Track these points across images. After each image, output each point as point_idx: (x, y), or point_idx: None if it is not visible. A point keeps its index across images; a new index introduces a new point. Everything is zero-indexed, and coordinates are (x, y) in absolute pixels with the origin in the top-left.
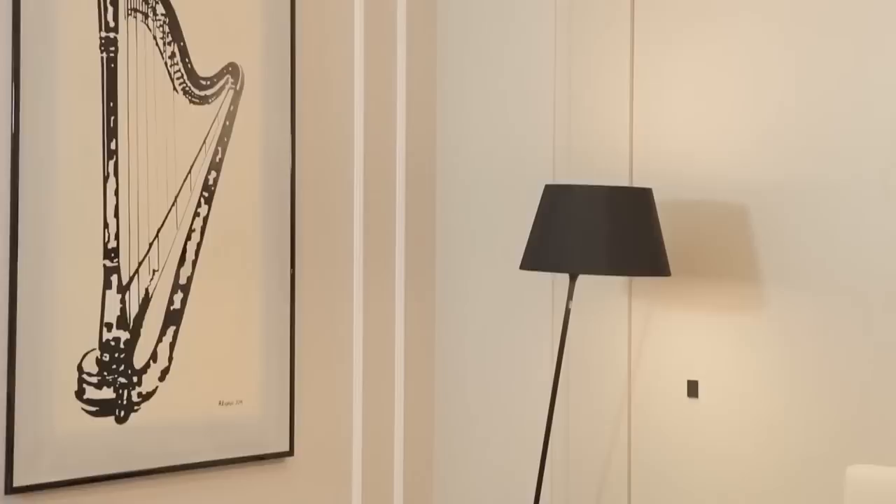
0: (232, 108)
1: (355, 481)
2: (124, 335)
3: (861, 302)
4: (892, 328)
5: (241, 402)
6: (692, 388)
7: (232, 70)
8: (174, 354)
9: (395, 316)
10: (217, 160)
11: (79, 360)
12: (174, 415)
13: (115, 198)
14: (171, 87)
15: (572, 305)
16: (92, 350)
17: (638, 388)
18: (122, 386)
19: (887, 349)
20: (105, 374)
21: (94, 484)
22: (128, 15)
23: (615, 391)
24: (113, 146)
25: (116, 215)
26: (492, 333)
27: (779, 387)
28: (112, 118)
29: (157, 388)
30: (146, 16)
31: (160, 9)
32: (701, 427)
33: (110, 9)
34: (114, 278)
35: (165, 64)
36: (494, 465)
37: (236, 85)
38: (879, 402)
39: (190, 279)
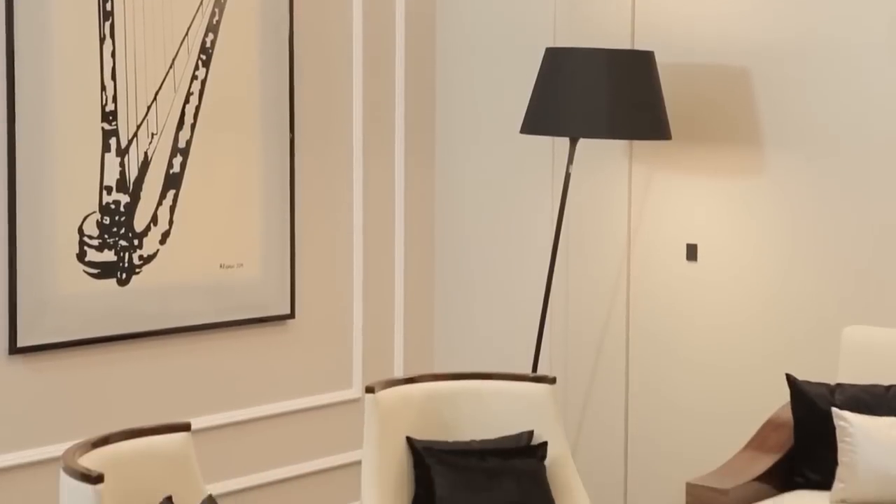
0: None
1: (356, 343)
2: (124, 198)
3: (862, 165)
4: (893, 192)
5: (241, 265)
6: (691, 252)
7: None
8: (174, 218)
9: (394, 180)
10: (214, 22)
11: (79, 223)
12: (175, 277)
13: (111, 60)
14: None
15: (572, 170)
16: (92, 213)
17: (637, 252)
18: (123, 249)
19: (887, 213)
20: (106, 236)
21: (96, 345)
22: None
23: (614, 255)
24: (108, 6)
25: (114, 78)
26: (492, 198)
27: (778, 250)
28: None
29: (157, 250)
30: None
31: None
32: (699, 290)
33: None
34: (112, 141)
35: None
36: (494, 328)
37: None
38: (876, 264)
39: (189, 143)
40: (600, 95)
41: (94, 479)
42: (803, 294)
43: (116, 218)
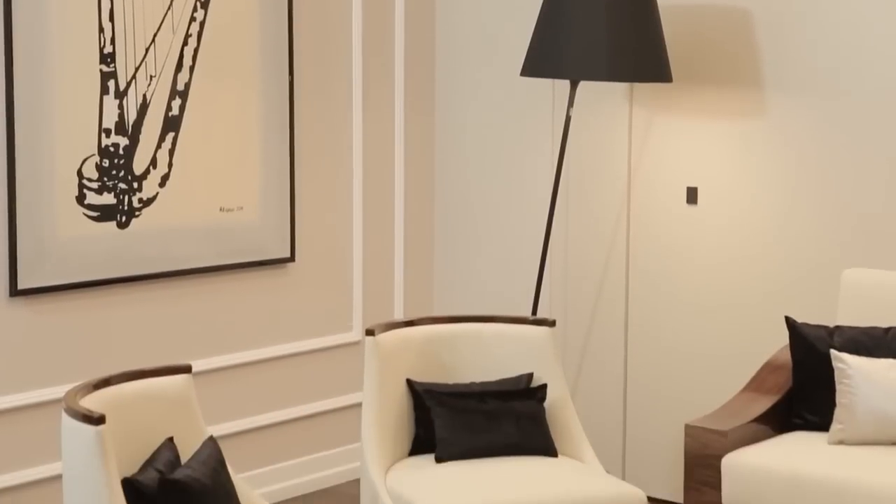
0: None
1: (356, 286)
2: (123, 141)
3: (864, 108)
4: (894, 135)
5: (241, 208)
6: (691, 195)
7: None
8: (174, 161)
9: (394, 123)
10: None
11: (78, 166)
12: (175, 220)
13: (109, 1)
14: None
15: (573, 113)
16: (91, 156)
17: (637, 195)
18: (123, 192)
19: (888, 156)
20: (105, 179)
21: (97, 288)
22: None
23: (615, 199)
24: None
25: (111, 19)
26: (492, 140)
27: (778, 193)
28: None
29: (157, 193)
30: None
31: None
32: (699, 233)
33: None
34: (111, 84)
35: None
36: (494, 271)
37: None
38: (876, 207)
39: (188, 85)
40: (601, 38)
41: (96, 420)
42: (803, 237)
43: (116, 161)
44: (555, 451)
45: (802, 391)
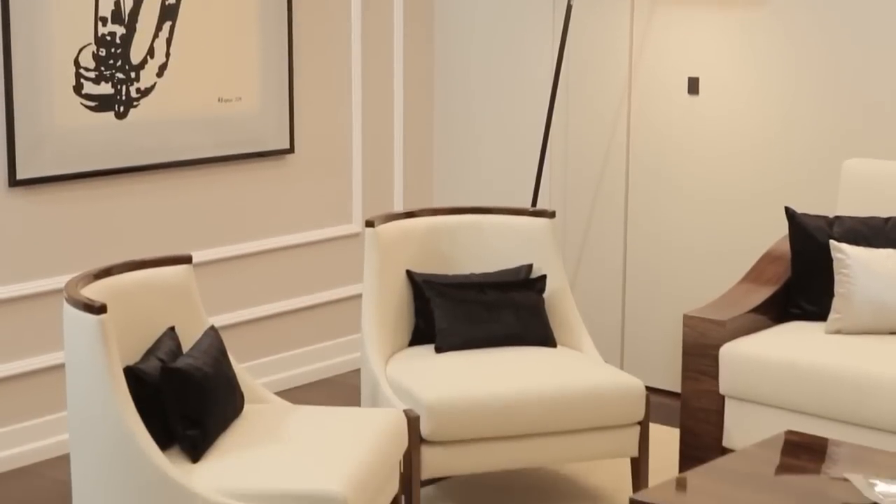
0: None
1: (356, 177)
2: (120, 30)
3: None
4: None
5: (240, 98)
6: (693, 86)
7: None
8: (171, 50)
9: (394, 10)
10: None
11: (75, 55)
12: (173, 111)
13: None
14: None
15: (574, 1)
16: (88, 45)
17: (638, 85)
18: (120, 81)
19: (891, 47)
20: (102, 69)
21: (96, 178)
22: None
23: (615, 90)
24: None
25: None
26: (492, 31)
27: (780, 83)
28: None
29: (155, 83)
30: None
31: None
32: (700, 124)
33: None
34: None
35: None
36: (494, 162)
37: None
38: (878, 98)
39: None
40: None
41: (98, 309)
42: (804, 127)
43: (112, 50)
44: (554, 342)
45: (801, 281)
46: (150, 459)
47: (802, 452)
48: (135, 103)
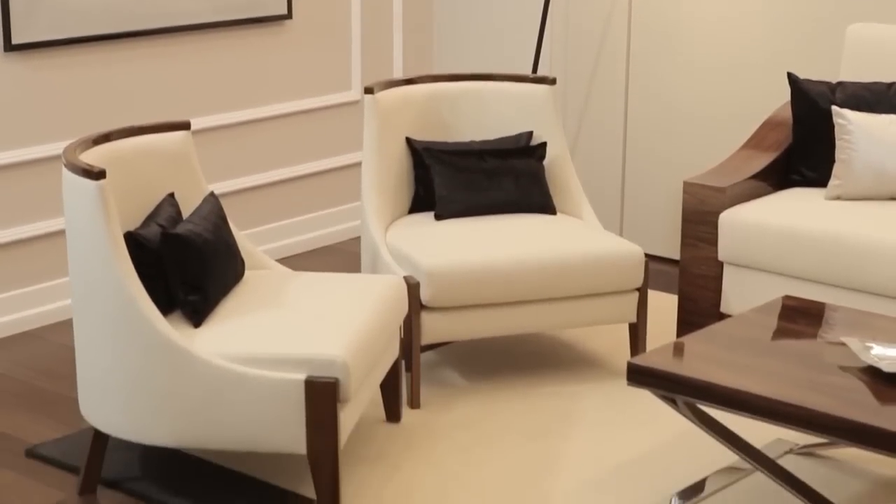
0: None
1: (354, 44)
2: None
3: None
4: None
5: None
6: None
7: None
8: None
9: None
10: None
11: None
12: None
13: None
14: None
15: None
16: None
17: None
18: None
19: None
20: None
21: (94, 44)
22: None
23: None
24: None
25: None
26: None
27: None
28: None
29: None
30: None
31: None
32: None
33: None
34: None
35: None
36: (494, 28)
37: None
38: None
39: None
40: None
41: (97, 174)
42: None
43: None
44: (553, 209)
45: (802, 148)
46: (151, 324)
47: (800, 317)
48: None
